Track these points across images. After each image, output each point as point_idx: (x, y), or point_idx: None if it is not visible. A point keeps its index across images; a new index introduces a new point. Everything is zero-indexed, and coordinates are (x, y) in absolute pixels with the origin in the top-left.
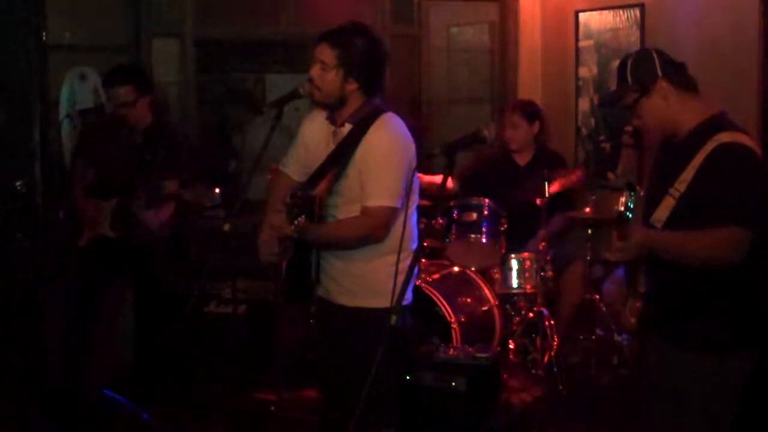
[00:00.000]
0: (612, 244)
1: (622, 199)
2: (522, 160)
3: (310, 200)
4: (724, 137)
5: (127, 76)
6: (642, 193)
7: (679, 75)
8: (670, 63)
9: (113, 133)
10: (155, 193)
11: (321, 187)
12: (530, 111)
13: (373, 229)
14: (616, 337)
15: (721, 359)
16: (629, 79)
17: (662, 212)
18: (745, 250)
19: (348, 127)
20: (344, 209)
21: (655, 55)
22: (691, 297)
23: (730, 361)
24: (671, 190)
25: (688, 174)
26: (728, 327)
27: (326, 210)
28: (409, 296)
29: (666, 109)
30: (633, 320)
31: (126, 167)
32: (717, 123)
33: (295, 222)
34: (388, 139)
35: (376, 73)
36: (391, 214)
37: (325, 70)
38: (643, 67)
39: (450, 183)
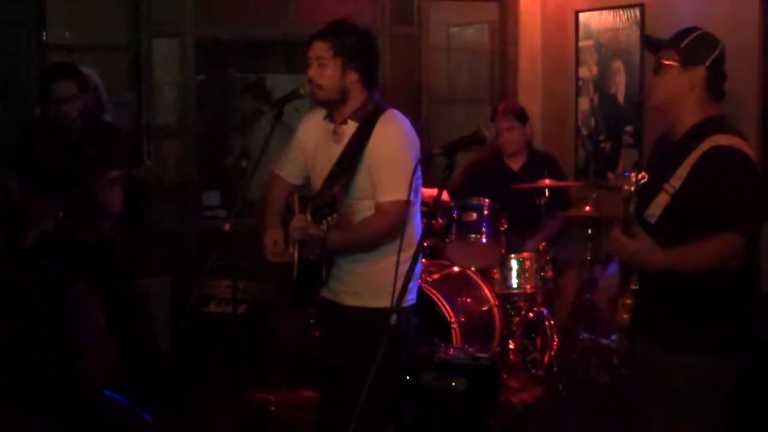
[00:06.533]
0: (615, 239)
1: (632, 178)
2: (515, 164)
3: (334, 200)
4: (721, 139)
5: (68, 72)
6: (644, 180)
7: (717, 80)
8: (721, 67)
9: (49, 131)
10: (103, 183)
11: (337, 188)
12: (522, 114)
13: (393, 225)
14: (603, 341)
15: (714, 360)
16: (683, 43)
17: (656, 208)
18: (741, 256)
19: (351, 124)
20: (356, 206)
21: (720, 49)
22: (683, 298)
23: (722, 361)
24: (666, 186)
25: (683, 171)
26: (720, 328)
27: (346, 210)
28: (413, 296)
29: (684, 92)
30: (625, 316)
31: (68, 163)
32: (715, 124)
33: (325, 221)
34: (398, 135)
35: (373, 64)
36: (405, 207)
37: (323, 66)
38: (701, 46)
39: (445, 196)
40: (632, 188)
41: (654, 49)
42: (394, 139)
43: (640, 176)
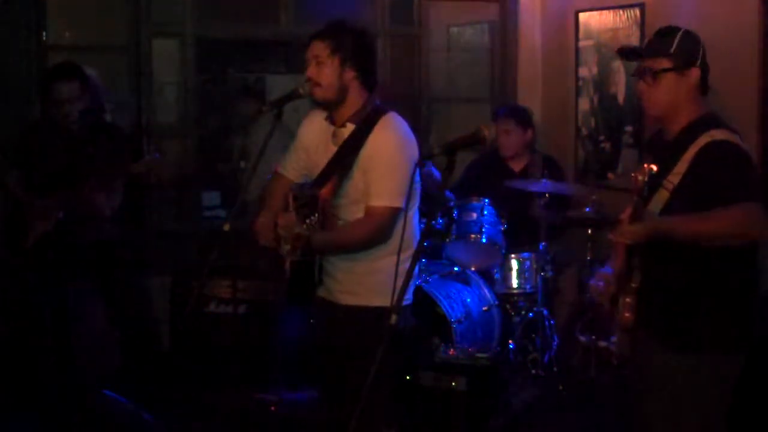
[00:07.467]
0: (621, 226)
1: (645, 168)
2: (517, 166)
3: (317, 199)
4: (717, 134)
5: (72, 73)
6: (655, 171)
7: (706, 76)
8: (707, 62)
9: (49, 131)
10: (103, 182)
11: (327, 188)
12: (523, 117)
13: (378, 230)
14: (602, 343)
15: (715, 359)
16: (672, 48)
17: (656, 205)
18: (762, 221)
19: (349, 127)
20: (349, 210)
21: (702, 44)
22: (686, 296)
23: (723, 360)
24: (665, 183)
25: (681, 167)
26: (721, 327)
27: (332, 210)
28: (409, 296)
29: (682, 94)
30: (627, 315)
31: (68, 163)
32: (710, 120)
33: (307, 221)
34: (393, 140)
35: (370, 63)
36: (395, 214)
37: (321, 64)
38: (690, 46)
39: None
40: (645, 179)
41: (638, 59)
42: (391, 145)
43: (651, 166)
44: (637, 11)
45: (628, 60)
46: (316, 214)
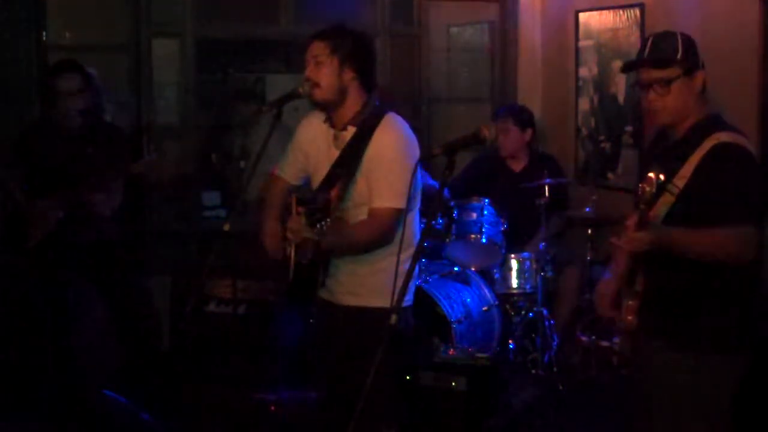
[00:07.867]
0: (627, 233)
1: (653, 179)
2: (517, 166)
3: (329, 204)
4: (723, 137)
5: (74, 67)
6: (662, 181)
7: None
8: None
9: (49, 130)
10: (103, 182)
11: (334, 192)
12: (523, 117)
13: (382, 232)
14: (603, 343)
15: (719, 360)
16: (680, 52)
17: (660, 209)
18: (756, 246)
19: (350, 130)
20: (353, 213)
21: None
22: (688, 297)
23: (727, 361)
24: (669, 187)
25: (686, 170)
26: (724, 327)
27: (340, 215)
28: (410, 297)
29: (691, 98)
30: (630, 318)
31: (68, 163)
32: (715, 122)
33: (318, 225)
34: (395, 141)
35: (369, 64)
36: (398, 215)
37: (320, 64)
38: (693, 49)
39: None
40: (653, 189)
41: (659, 64)
42: (393, 146)
43: (659, 176)
44: (637, 11)
45: (633, 70)
46: (328, 219)
